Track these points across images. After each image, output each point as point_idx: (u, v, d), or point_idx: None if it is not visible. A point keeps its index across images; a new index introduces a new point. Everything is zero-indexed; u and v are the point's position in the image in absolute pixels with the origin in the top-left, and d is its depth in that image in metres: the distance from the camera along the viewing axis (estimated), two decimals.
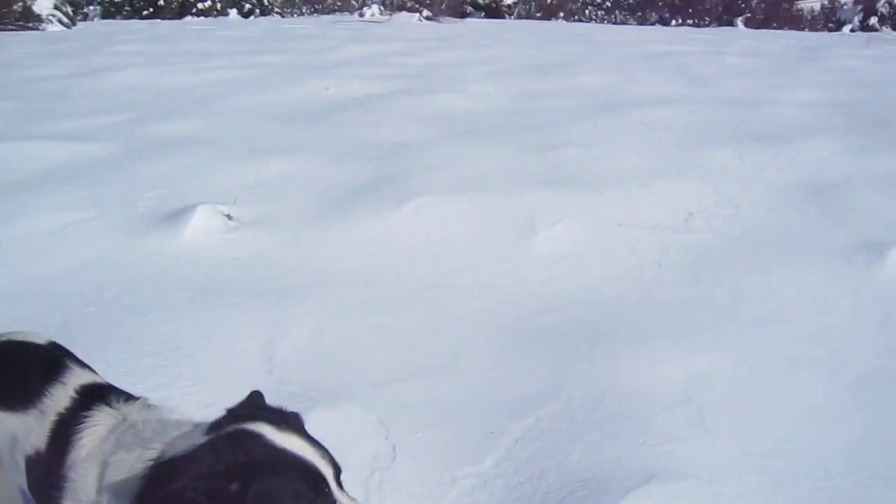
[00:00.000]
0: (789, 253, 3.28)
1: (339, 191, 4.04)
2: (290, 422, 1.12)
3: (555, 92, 6.97)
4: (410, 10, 19.47)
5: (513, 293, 2.97)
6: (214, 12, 23.50)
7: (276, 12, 27.58)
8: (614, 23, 28.77)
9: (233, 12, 23.52)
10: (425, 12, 17.80)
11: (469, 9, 23.29)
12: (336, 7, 28.55)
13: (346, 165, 4.50)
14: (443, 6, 19.74)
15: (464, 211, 3.72)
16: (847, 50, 10.87)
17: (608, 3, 34.46)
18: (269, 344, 2.51)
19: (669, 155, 4.76)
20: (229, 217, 3.56)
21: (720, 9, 27.87)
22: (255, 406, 1.18)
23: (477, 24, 17.10)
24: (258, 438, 1.04)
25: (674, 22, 27.17)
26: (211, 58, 9.22)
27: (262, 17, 23.73)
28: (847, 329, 2.66)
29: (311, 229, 3.54)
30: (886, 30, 19.85)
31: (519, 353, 2.51)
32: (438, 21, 17.06)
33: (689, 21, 27.14)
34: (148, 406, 1.27)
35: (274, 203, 3.86)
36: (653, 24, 27.02)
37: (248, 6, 25.30)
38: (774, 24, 25.52)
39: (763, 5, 30.21)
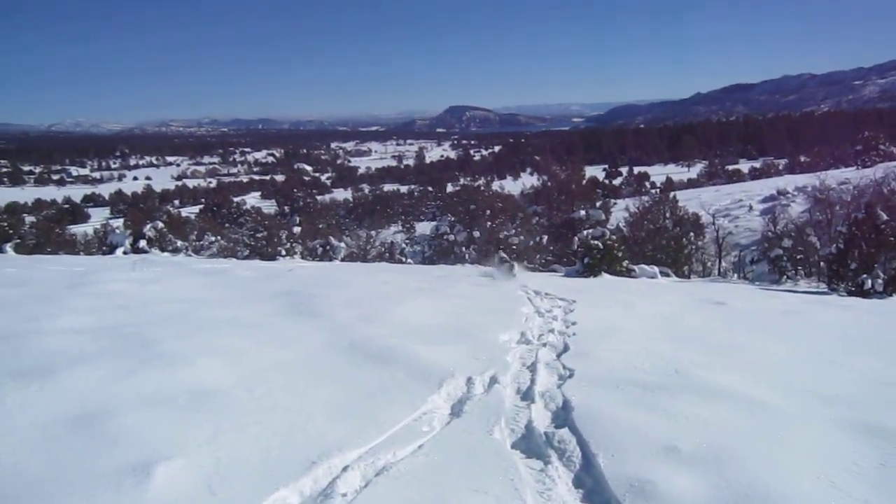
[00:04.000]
0: (56, 493, 3.33)
1: None
2: None
3: None
4: None
5: None
6: None
7: None
8: None
9: None
10: None
11: None
12: None
13: None
14: None
15: None
16: (116, 273, 11.89)
17: None
18: None
19: None
20: None
21: None
22: None
23: None
24: None
25: None
26: None
27: None
28: None
29: None
30: (155, 251, 22.58)
31: None
32: None
33: None
34: None
35: None
36: None
37: None
38: (49, 249, 26.06)
39: (34, 230, 30.66)
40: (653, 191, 52.53)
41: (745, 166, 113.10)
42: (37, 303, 8.43)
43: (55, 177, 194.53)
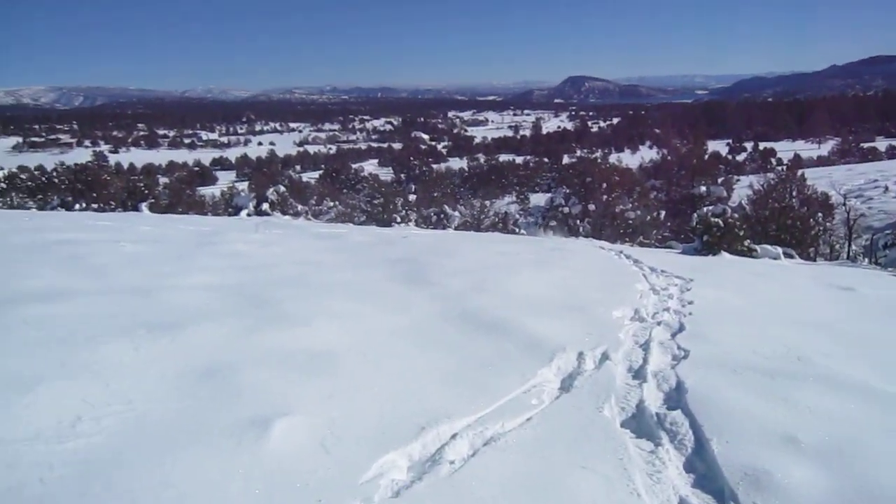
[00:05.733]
0: (183, 442, 3.53)
1: None
2: None
3: None
4: None
5: None
6: None
7: None
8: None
9: None
10: None
11: None
12: None
13: None
14: None
15: None
16: (239, 234, 12.41)
17: (2, 185, 32.56)
18: None
19: (57, 354, 4.66)
20: None
21: (126, 194, 28.86)
22: None
23: None
24: None
25: (77, 206, 27.02)
26: None
27: None
28: None
29: None
30: (276, 214, 23.42)
31: None
32: None
33: (94, 206, 27.33)
34: None
35: None
36: (54, 208, 26.39)
37: None
38: (179, 209, 27.48)
39: (167, 191, 32.38)
40: (779, 168, 49.99)
41: (882, 144, 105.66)
42: (169, 260, 8.91)
43: (187, 140, 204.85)
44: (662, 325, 6.64)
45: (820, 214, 24.96)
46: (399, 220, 24.64)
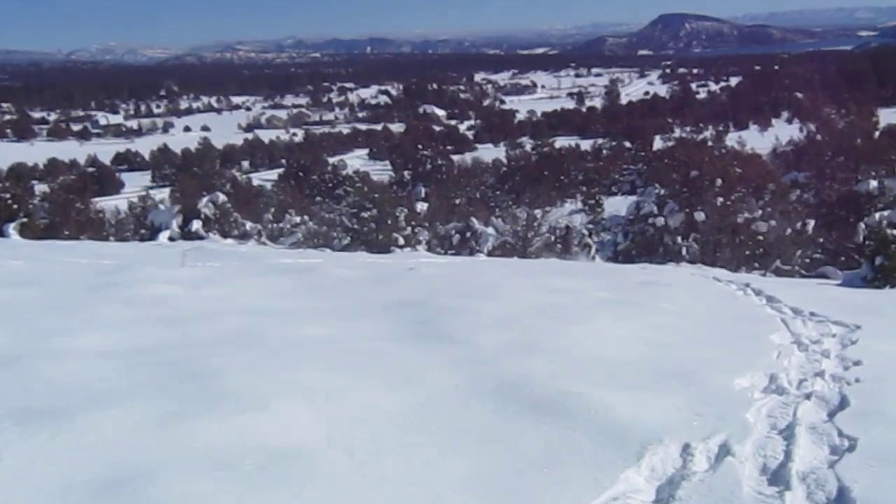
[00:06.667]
0: None
1: None
2: None
3: None
4: None
5: None
6: None
7: None
8: None
9: None
10: None
11: None
12: None
13: None
14: None
15: None
16: (158, 270, 12.49)
17: None
18: None
19: None
20: None
21: None
22: None
23: None
24: None
25: None
26: None
27: None
28: None
29: None
30: (214, 237, 23.57)
31: None
32: None
33: None
34: None
35: None
36: None
37: None
38: (66, 232, 27.69)
39: (47, 205, 32.64)
40: None
41: None
42: (49, 312, 8.98)
43: (76, 126, 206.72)
44: (814, 400, 6.59)
45: None
46: (402, 242, 24.71)
